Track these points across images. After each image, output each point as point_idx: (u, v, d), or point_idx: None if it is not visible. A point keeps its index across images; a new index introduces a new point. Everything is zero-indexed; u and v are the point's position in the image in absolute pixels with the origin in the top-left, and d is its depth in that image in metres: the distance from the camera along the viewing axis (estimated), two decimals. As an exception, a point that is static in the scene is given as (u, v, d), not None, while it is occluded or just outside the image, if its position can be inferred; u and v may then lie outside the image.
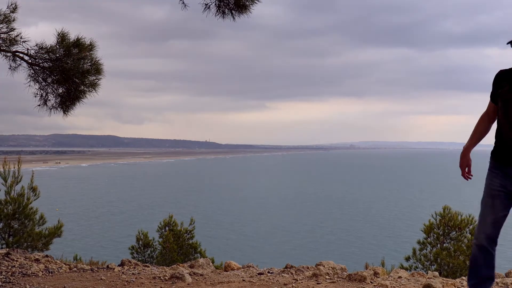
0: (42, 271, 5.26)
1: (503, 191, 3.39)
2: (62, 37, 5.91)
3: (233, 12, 5.65)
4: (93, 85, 6.11)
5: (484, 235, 3.48)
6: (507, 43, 3.32)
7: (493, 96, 3.46)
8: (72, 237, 32.65)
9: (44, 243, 8.81)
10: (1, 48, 5.84)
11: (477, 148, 3.76)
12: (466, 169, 3.62)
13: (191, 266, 5.70)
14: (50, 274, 5.21)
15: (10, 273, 5.10)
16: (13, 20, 5.85)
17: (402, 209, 55.09)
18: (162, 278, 4.96)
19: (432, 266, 9.36)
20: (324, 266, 5.18)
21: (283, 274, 5.12)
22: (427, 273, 5.60)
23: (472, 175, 3.64)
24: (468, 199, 61.07)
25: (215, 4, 5.64)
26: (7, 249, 6.67)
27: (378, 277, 4.98)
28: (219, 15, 5.64)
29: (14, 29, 5.85)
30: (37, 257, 5.97)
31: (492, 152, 3.50)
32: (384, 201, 62.56)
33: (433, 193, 70.52)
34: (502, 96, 3.36)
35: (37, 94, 6.14)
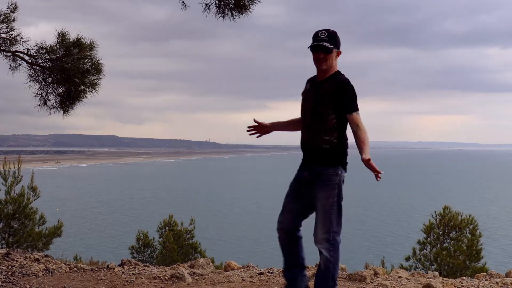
0: (42, 271, 5.26)
1: (297, 191, 3.72)
2: (62, 37, 5.91)
3: (233, 12, 5.64)
4: (93, 85, 6.11)
5: (281, 221, 3.82)
6: (308, 47, 3.51)
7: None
8: (72, 237, 32.65)
9: (44, 243, 8.81)
10: (1, 48, 5.84)
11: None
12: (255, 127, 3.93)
13: (191, 266, 5.70)
14: (50, 274, 5.21)
15: (10, 273, 5.10)
16: (13, 20, 5.85)
17: (402, 209, 55.09)
18: (162, 278, 4.96)
19: (432, 266, 9.36)
20: (324, 266, 5.17)
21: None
22: (427, 273, 5.61)
23: (251, 130, 3.91)
24: (468, 199, 61.06)
25: (215, 4, 5.64)
26: (7, 249, 6.68)
27: (378, 277, 4.98)
28: (219, 15, 5.64)
29: (14, 29, 5.86)
30: (37, 257, 5.97)
31: None
32: (384, 201, 62.54)
33: (433, 192, 70.50)
34: (302, 94, 3.64)
35: (37, 94, 6.14)
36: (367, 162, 3.25)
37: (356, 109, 3.41)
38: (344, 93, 3.42)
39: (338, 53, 3.49)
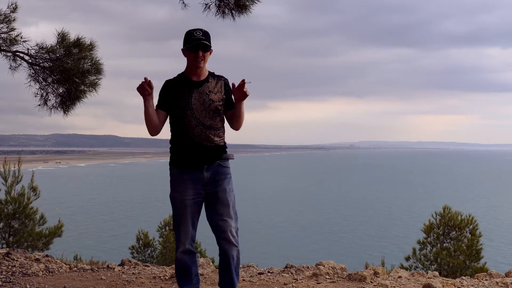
0: (42, 271, 5.26)
1: (197, 197, 3.49)
2: (62, 37, 5.92)
3: (233, 12, 5.65)
4: (94, 85, 6.11)
5: (189, 240, 3.53)
6: (185, 47, 3.44)
7: (164, 102, 3.47)
8: (72, 237, 32.65)
9: (44, 243, 8.82)
10: (2, 48, 5.84)
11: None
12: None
13: (191, 266, 5.70)
14: (51, 273, 5.21)
15: (10, 273, 5.10)
16: (13, 20, 5.86)
17: (402, 209, 55.09)
18: (162, 277, 4.96)
19: (432, 266, 9.36)
20: (324, 266, 5.18)
21: (283, 274, 5.13)
22: (427, 272, 5.61)
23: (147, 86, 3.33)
24: (468, 199, 61.05)
25: (215, 4, 5.64)
26: (8, 248, 6.68)
27: (378, 277, 4.98)
28: (219, 15, 5.64)
29: (15, 29, 5.87)
30: (37, 256, 5.98)
31: (175, 161, 3.54)
32: (384, 201, 62.55)
33: (433, 192, 70.52)
34: (177, 94, 3.44)
35: (37, 94, 6.15)
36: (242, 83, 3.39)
37: None
38: (229, 89, 3.54)
39: (211, 52, 3.52)
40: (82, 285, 4.67)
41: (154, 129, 3.46)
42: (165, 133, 3.53)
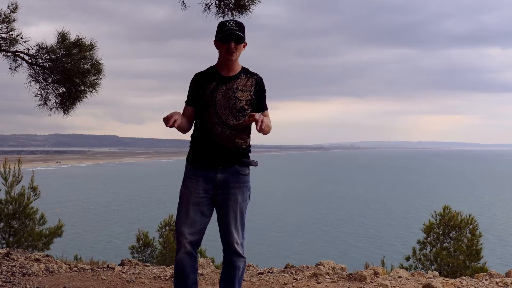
0: (42, 271, 5.26)
1: (207, 196, 3.27)
2: (62, 37, 5.92)
3: (233, 12, 5.65)
4: (94, 85, 6.12)
5: (187, 241, 3.28)
6: (217, 37, 3.19)
7: (193, 97, 3.30)
8: (72, 237, 32.65)
9: (44, 243, 8.82)
10: (2, 48, 5.85)
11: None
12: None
13: (191, 266, 5.70)
14: (51, 273, 5.22)
15: (10, 273, 5.11)
16: (14, 20, 5.86)
17: (402, 209, 55.09)
18: (162, 277, 4.97)
19: (432, 266, 9.37)
20: (324, 266, 5.18)
21: (283, 274, 5.13)
22: (427, 272, 5.61)
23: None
24: (468, 199, 61.06)
25: (215, 4, 5.64)
26: (8, 248, 6.68)
27: (378, 277, 4.98)
28: (219, 15, 5.65)
29: (15, 29, 5.87)
30: (37, 256, 5.98)
31: (190, 157, 3.33)
32: (384, 201, 62.55)
33: (433, 192, 70.51)
34: (205, 89, 3.26)
35: (37, 94, 6.15)
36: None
37: (267, 106, 3.39)
38: (260, 89, 3.33)
39: (245, 45, 3.29)
40: (82, 285, 4.68)
41: (183, 131, 3.31)
42: (164, 133, 3.44)
